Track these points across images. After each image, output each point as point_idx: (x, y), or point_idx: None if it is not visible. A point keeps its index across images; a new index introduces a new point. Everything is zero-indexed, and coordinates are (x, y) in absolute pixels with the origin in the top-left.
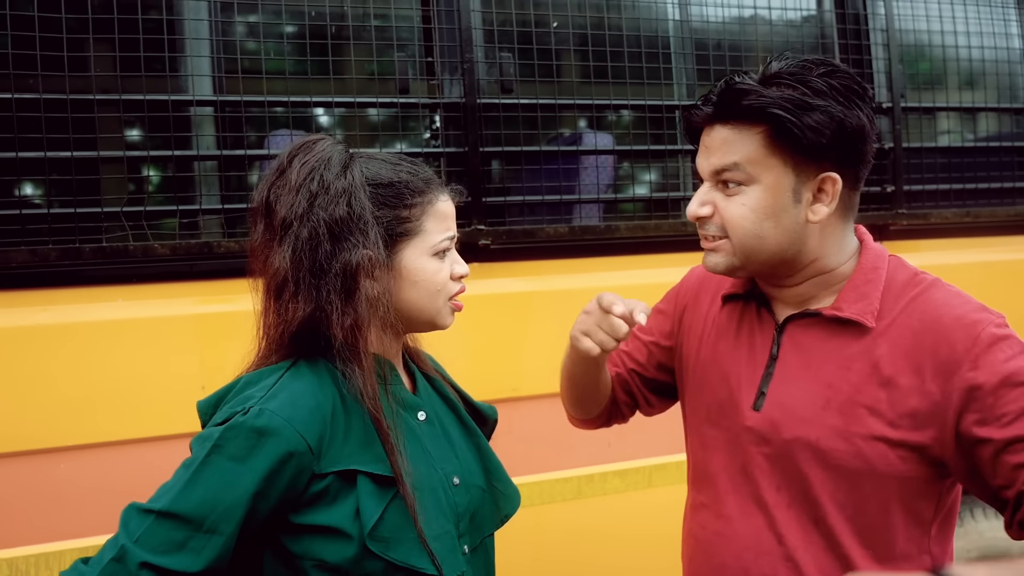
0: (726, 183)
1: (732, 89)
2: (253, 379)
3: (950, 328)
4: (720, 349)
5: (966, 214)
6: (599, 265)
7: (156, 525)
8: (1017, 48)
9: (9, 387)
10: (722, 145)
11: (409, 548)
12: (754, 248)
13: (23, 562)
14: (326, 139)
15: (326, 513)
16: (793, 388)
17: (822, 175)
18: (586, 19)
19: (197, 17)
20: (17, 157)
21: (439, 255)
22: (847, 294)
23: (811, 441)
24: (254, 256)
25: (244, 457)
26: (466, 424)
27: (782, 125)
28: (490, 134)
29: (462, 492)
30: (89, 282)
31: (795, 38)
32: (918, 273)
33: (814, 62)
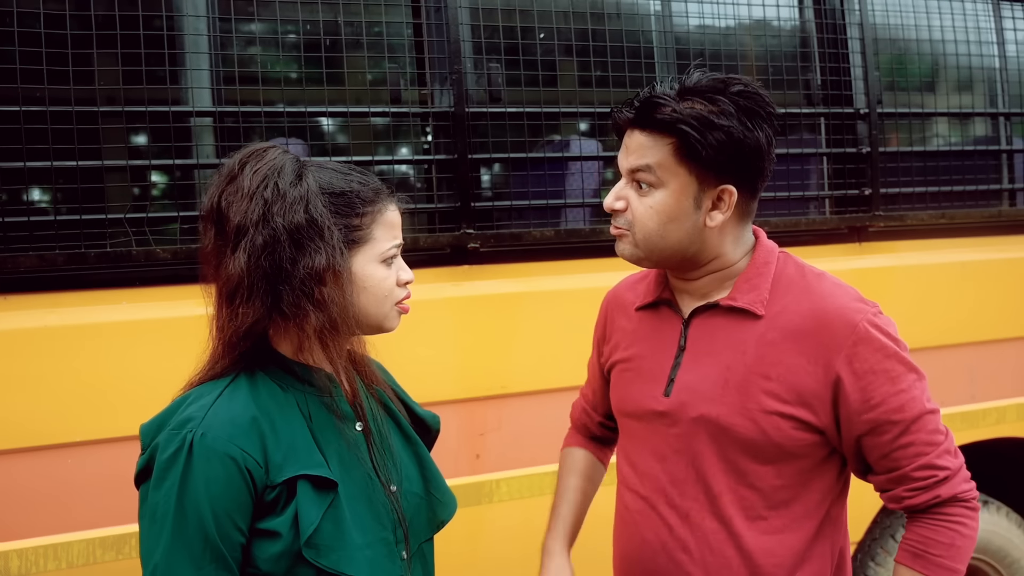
0: (639, 183)
1: (651, 101)
2: (192, 398)
3: (832, 316)
4: (634, 352)
5: (942, 216)
6: (585, 267)
7: None
8: (992, 54)
9: (18, 386)
10: (638, 148)
11: (340, 555)
12: (656, 244)
13: (32, 552)
14: (276, 147)
15: (270, 520)
16: (698, 372)
17: (721, 187)
18: (571, 30)
19: (197, 32)
20: (25, 167)
21: (387, 262)
22: (740, 286)
23: (713, 418)
24: (206, 261)
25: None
26: (406, 433)
27: (688, 140)
28: (478, 141)
29: (399, 499)
30: (94, 285)
31: (774, 46)
32: (804, 267)
33: (728, 80)
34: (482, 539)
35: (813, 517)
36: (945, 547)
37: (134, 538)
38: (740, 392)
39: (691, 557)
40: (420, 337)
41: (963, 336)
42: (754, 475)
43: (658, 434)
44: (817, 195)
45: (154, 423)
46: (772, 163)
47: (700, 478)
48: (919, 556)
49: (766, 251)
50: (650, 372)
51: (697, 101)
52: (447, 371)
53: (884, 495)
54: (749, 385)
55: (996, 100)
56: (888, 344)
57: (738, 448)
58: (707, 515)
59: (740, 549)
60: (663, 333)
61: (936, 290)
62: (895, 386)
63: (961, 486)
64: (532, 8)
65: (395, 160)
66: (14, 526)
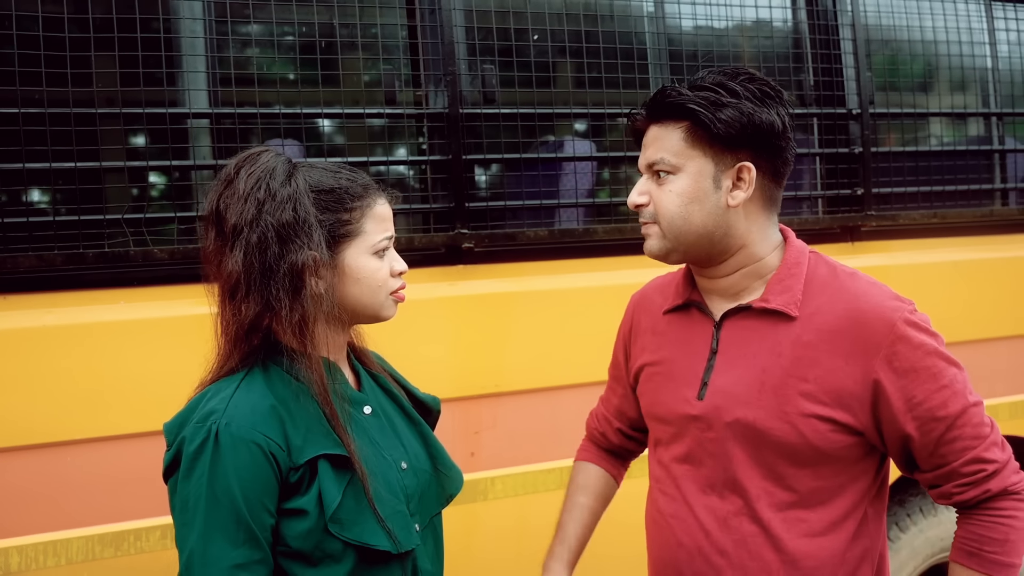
0: (658, 174)
1: (661, 93)
2: (210, 393)
3: (868, 316)
4: (664, 355)
5: (934, 215)
6: (578, 267)
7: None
8: (984, 54)
9: (18, 384)
10: (653, 142)
11: (363, 527)
12: (681, 229)
13: (32, 549)
14: (269, 150)
15: (296, 500)
16: (732, 376)
17: (739, 164)
18: (564, 32)
19: (193, 35)
20: (24, 168)
21: (379, 254)
22: (773, 287)
23: (750, 421)
24: (208, 262)
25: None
26: (410, 415)
27: (699, 119)
28: (473, 142)
29: (410, 475)
30: (92, 285)
31: (767, 46)
32: (837, 266)
33: (736, 71)
34: (477, 536)
35: (852, 518)
36: (999, 543)
37: (132, 535)
38: (777, 395)
39: (729, 561)
40: (415, 336)
41: (955, 335)
42: (792, 478)
43: (692, 438)
44: (810, 195)
45: (176, 420)
46: (792, 147)
47: (736, 482)
48: (974, 555)
49: (797, 251)
50: (682, 376)
51: (706, 89)
52: (442, 370)
53: (933, 491)
54: (786, 388)
55: (988, 100)
56: (927, 341)
57: (775, 451)
58: (744, 519)
59: (780, 552)
60: (694, 336)
61: (928, 289)
62: (937, 382)
63: (1011, 478)
64: (526, 10)
65: (390, 161)
66: (14, 523)
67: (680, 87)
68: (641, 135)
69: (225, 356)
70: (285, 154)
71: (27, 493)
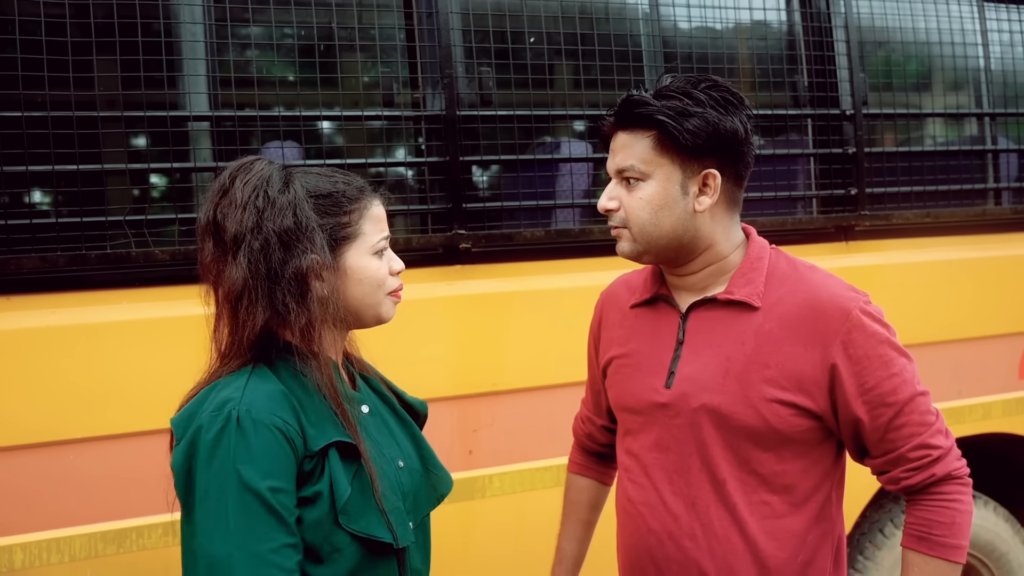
0: (628, 180)
1: (628, 101)
2: (221, 385)
3: (826, 304)
4: (632, 347)
5: (927, 215)
6: (574, 266)
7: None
8: (977, 54)
9: (22, 384)
10: (622, 148)
11: (369, 520)
12: (652, 234)
13: (35, 546)
14: (261, 159)
15: (308, 489)
16: (698, 364)
17: (704, 171)
18: (560, 34)
19: (194, 39)
20: (27, 170)
21: (378, 254)
22: (736, 280)
23: (715, 407)
24: (206, 271)
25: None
26: (401, 417)
27: (666, 129)
28: (470, 144)
29: (406, 474)
30: (95, 286)
31: (761, 48)
32: (796, 260)
33: (699, 79)
34: (475, 533)
35: (813, 501)
36: (946, 526)
37: (135, 532)
38: (741, 381)
39: (697, 544)
40: (414, 335)
41: (949, 333)
42: (756, 461)
43: (660, 425)
44: (804, 195)
45: (185, 414)
46: (752, 151)
47: (705, 466)
48: (923, 539)
49: (758, 247)
50: (649, 366)
51: (671, 97)
52: (440, 368)
53: (882, 477)
54: (749, 374)
55: (981, 100)
56: (880, 330)
57: (740, 435)
58: (712, 502)
59: (744, 534)
60: (661, 328)
61: (922, 288)
62: (888, 370)
63: (954, 464)
64: (522, 13)
65: (388, 163)
66: (18, 520)
67: (646, 95)
68: (608, 139)
69: (227, 358)
70: (276, 161)
71: (30, 491)
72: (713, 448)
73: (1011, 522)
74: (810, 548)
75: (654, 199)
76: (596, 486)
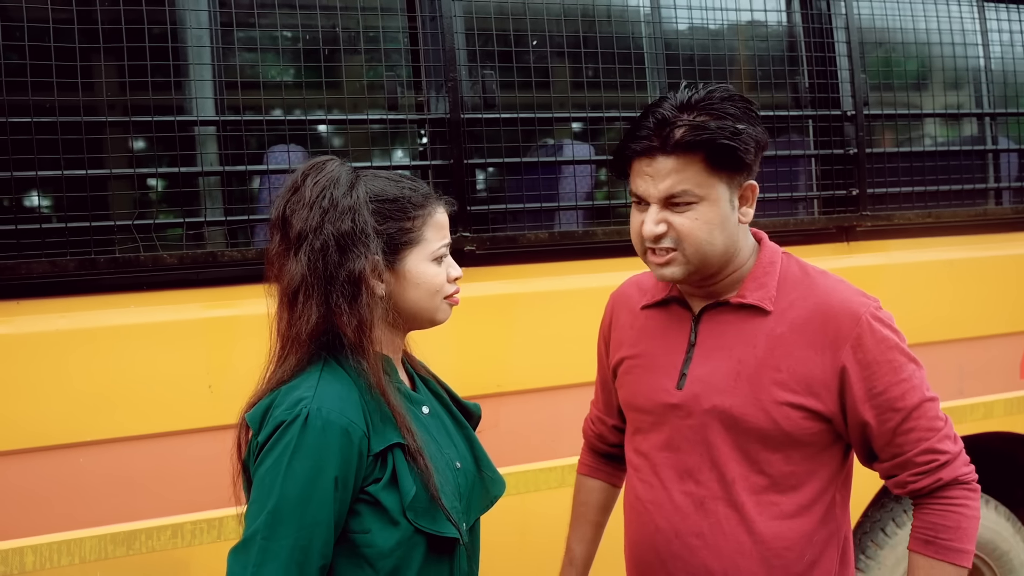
0: (676, 204)
1: (669, 127)
2: (294, 385)
3: (837, 309)
4: (643, 348)
5: (928, 215)
6: (578, 268)
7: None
8: (977, 54)
9: (32, 387)
10: (670, 173)
11: (434, 515)
12: (707, 253)
13: (46, 548)
14: (335, 159)
15: (375, 487)
16: (710, 366)
17: (746, 184)
18: (563, 37)
19: (200, 44)
20: (37, 176)
21: (437, 260)
22: (748, 284)
23: (726, 408)
24: (270, 264)
25: (317, 453)
26: (457, 419)
27: (720, 150)
28: (474, 147)
29: (462, 475)
30: (104, 290)
31: (763, 49)
32: (807, 266)
33: (714, 91)
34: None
35: (820, 503)
36: (952, 531)
37: (144, 534)
38: (752, 383)
39: (704, 542)
40: (418, 336)
41: (951, 333)
42: (765, 462)
43: (671, 426)
44: (805, 196)
45: (260, 409)
46: None
47: (714, 466)
48: (930, 543)
49: (771, 251)
50: (661, 367)
51: (702, 113)
52: (445, 370)
53: (889, 481)
54: (761, 377)
55: (981, 100)
56: (890, 336)
57: (750, 437)
58: (720, 502)
59: (752, 533)
60: (672, 330)
61: (924, 288)
62: (897, 375)
63: (961, 469)
64: (525, 16)
65: (393, 166)
66: (29, 523)
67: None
68: (632, 162)
69: (287, 354)
70: (348, 163)
71: (40, 494)
72: (722, 449)
73: (1012, 521)
74: (817, 548)
75: (711, 219)
76: (606, 488)
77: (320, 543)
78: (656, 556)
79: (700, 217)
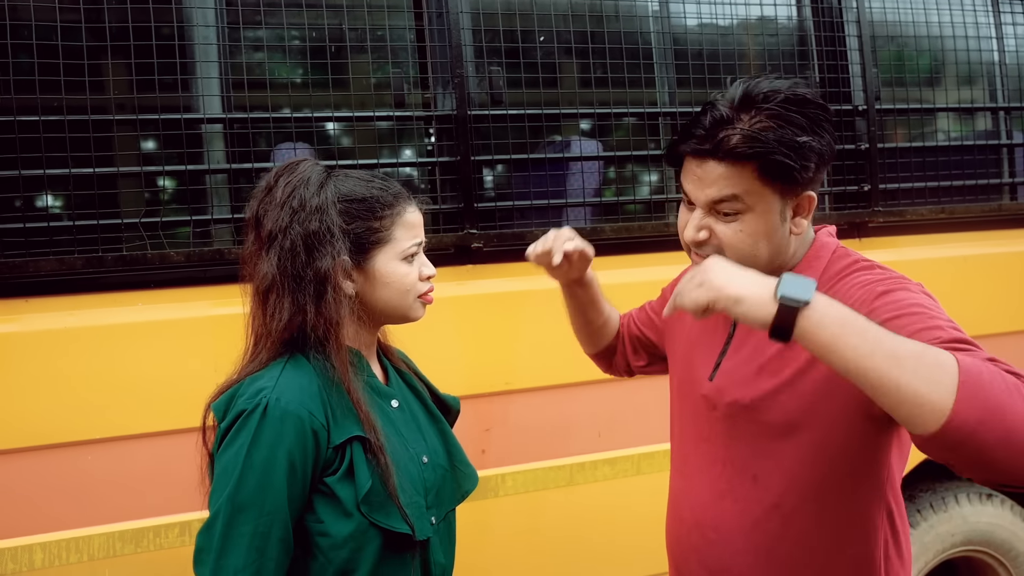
0: (722, 211)
1: (724, 130)
2: (257, 376)
3: (856, 294)
4: (694, 333)
5: (941, 211)
6: None
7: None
8: (990, 48)
9: (40, 386)
10: (718, 180)
11: (389, 511)
12: (749, 263)
13: (55, 546)
14: (308, 160)
15: (332, 478)
16: (737, 359)
17: (804, 194)
18: (570, 33)
19: (207, 42)
20: (45, 174)
21: (408, 259)
22: None
23: (746, 403)
24: (245, 263)
25: (275, 442)
26: (431, 412)
27: (771, 163)
28: (481, 143)
29: (430, 470)
30: (111, 288)
31: (773, 44)
32: (858, 260)
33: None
34: (489, 532)
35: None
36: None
37: (152, 532)
38: (773, 377)
39: (720, 535)
40: (426, 335)
41: (966, 330)
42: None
43: (703, 417)
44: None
45: (225, 398)
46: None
47: (732, 459)
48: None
49: (820, 245)
50: (702, 357)
51: (763, 118)
52: (453, 368)
53: None
54: (782, 371)
55: (995, 94)
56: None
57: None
58: (741, 495)
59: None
60: (719, 320)
61: (937, 284)
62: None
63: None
64: (532, 12)
65: (400, 163)
66: (38, 520)
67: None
68: (682, 158)
69: (258, 349)
70: (322, 164)
71: (50, 491)
72: (744, 442)
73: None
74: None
75: (757, 231)
76: (609, 312)
77: (280, 528)
78: (679, 547)
79: (745, 229)
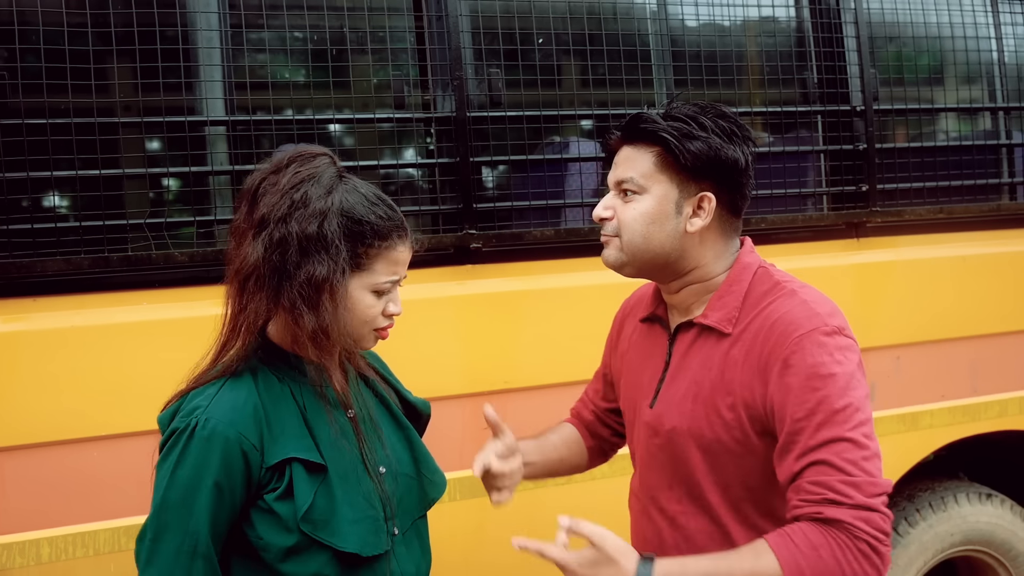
0: (625, 192)
1: (637, 118)
2: (198, 392)
3: (776, 331)
4: (634, 363)
5: (940, 211)
6: (583, 265)
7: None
8: (989, 48)
9: (47, 383)
10: (624, 161)
11: (333, 529)
12: (639, 247)
13: (61, 540)
14: (326, 156)
15: (269, 497)
16: (675, 387)
17: (700, 194)
18: (568, 35)
19: (210, 45)
20: (52, 176)
21: (378, 293)
22: (713, 303)
23: (684, 429)
24: (233, 234)
25: (200, 463)
26: (397, 419)
27: (669, 147)
28: (480, 145)
29: (389, 480)
30: (117, 287)
31: (771, 44)
32: (781, 283)
33: (708, 107)
34: (486, 530)
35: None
36: (794, 556)
37: None
38: (704, 405)
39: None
40: (425, 334)
41: (963, 330)
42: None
43: (647, 443)
44: (815, 192)
45: (168, 412)
46: (751, 184)
47: (682, 483)
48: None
49: (741, 267)
50: (643, 384)
51: (678, 119)
52: (452, 367)
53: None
54: (714, 399)
55: (993, 95)
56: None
57: (710, 455)
58: (691, 516)
59: (729, 543)
60: (655, 347)
61: (935, 284)
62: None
63: (855, 520)
64: (531, 14)
65: (400, 164)
66: (45, 515)
67: (655, 115)
68: (613, 153)
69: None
70: (338, 165)
71: (57, 486)
72: (687, 466)
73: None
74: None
75: (648, 213)
76: (575, 432)
77: (203, 546)
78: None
79: (638, 208)
